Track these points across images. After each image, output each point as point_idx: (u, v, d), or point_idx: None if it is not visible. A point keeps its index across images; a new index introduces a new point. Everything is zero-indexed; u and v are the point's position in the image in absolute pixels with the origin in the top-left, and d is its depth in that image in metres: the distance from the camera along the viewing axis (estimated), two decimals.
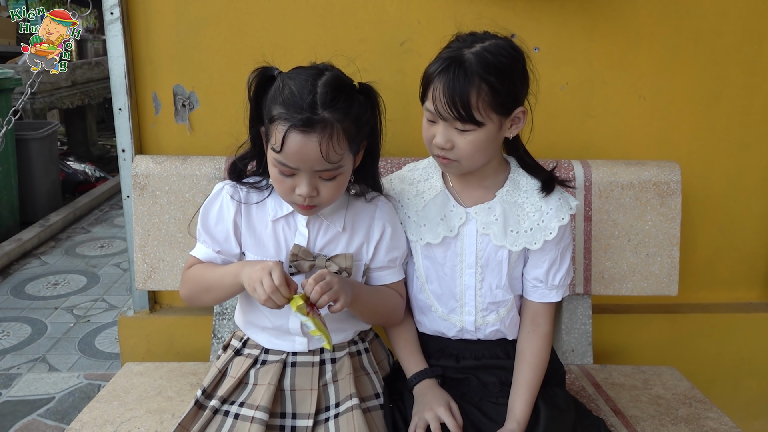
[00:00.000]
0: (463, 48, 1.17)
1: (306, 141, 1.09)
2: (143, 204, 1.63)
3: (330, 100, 1.10)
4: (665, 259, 1.70)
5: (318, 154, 1.09)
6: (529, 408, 1.23)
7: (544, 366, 1.29)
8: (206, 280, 1.25)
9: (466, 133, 1.18)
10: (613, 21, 1.75)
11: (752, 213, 1.94)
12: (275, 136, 1.11)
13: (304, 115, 1.08)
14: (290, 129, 1.09)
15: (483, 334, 1.34)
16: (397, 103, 1.67)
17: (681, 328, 1.95)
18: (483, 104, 1.15)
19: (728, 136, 1.87)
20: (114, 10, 1.65)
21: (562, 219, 1.28)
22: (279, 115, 1.10)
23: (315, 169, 1.12)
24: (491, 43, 1.18)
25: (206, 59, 1.73)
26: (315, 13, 1.71)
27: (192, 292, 1.29)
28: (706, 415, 1.46)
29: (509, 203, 1.29)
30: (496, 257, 1.29)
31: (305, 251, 1.22)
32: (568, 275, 1.33)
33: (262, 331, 1.30)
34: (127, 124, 1.73)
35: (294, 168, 1.12)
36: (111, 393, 1.49)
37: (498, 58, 1.16)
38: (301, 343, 1.27)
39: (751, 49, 1.80)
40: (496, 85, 1.15)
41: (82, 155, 5.48)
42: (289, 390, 1.24)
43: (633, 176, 1.68)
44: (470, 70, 1.14)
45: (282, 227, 1.25)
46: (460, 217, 1.30)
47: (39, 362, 2.54)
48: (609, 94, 1.81)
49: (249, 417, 1.17)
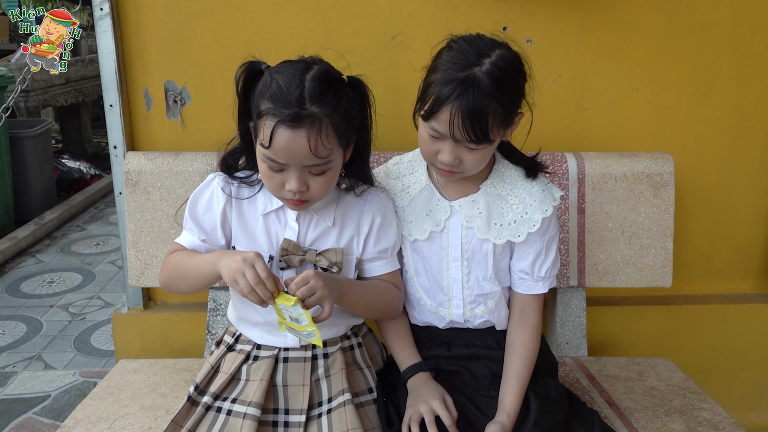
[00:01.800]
0: (473, 66, 1.12)
1: (294, 136, 1.08)
2: (136, 200, 1.62)
3: (318, 95, 1.09)
4: (659, 250, 1.70)
5: (307, 150, 1.08)
6: (519, 399, 1.23)
7: (534, 357, 1.29)
8: (184, 267, 1.24)
9: (475, 151, 1.18)
10: (606, 13, 1.74)
11: (746, 204, 1.94)
12: (263, 132, 1.10)
13: (292, 110, 1.07)
14: (278, 124, 1.07)
15: (472, 326, 1.35)
16: (389, 97, 1.67)
17: (675, 319, 1.95)
18: (496, 124, 1.15)
19: (721, 127, 1.87)
20: (104, 6, 1.64)
21: (546, 211, 1.27)
22: (267, 110, 1.09)
23: (304, 164, 1.11)
24: (497, 56, 1.14)
25: (197, 54, 1.73)
26: (306, 7, 1.70)
27: (170, 277, 1.28)
28: (700, 406, 1.46)
29: (493, 195, 1.29)
30: (481, 250, 1.29)
31: (295, 245, 1.21)
32: (555, 266, 1.33)
33: (254, 326, 1.29)
34: (119, 120, 1.72)
35: (283, 163, 1.11)
36: (105, 390, 1.49)
37: (509, 75, 1.14)
38: (293, 338, 1.26)
39: (743, 40, 1.80)
40: (507, 105, 1.15)
41: (77, 153, 5.46)
42: (282, 386, 1.24)
43: (626, 168, 1.68)
44: (486, 94, 1.11)
45: (272, 221, 1.25)
46: (445, 210, 1.30)
47: (35, 360, 2.54)
48: (602, 86, 1.80)
49: (241, 413, 1.17)
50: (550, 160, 1.66)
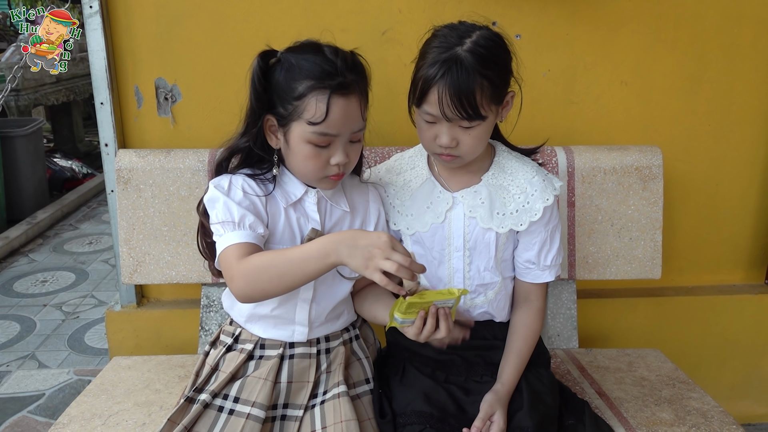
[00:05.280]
0: (455, 46, 1.17)
1: (348, 103, 1.13)
2: (127, 198, 1.63)
3: (352, 64, 1.16)
4: (648, 243, 1.71)
5: (358, 114, 1.15)
6: (516, 373, 1.27)
7: (535, 338, 1.33)
8: (277, 267, 1.08)
9: (470, 129, 1.20)
10: (594, 7, 1.76)
11: (734, 196, 1.96)
12: (314, 108, 1.12)
13: (339, 79, 1.12)
14: (333, 95, 1.11)
15: (471, 316, 1.36)
16: (380, 92, 1.67)
17: (665, 311, 1.97)
18: (485, 99, 1.18)
19: (710, 119, 1.88)
20: (93, 4, 1.64)
21: (547, 200, 1.30)
22: (311, 87, 1.12)
23: (353, 130, 1.16)
24: (478, 35, 1.18)
25: (188, 51, 1.73)
26: (296, 4, 1.71)
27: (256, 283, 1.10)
28: (689, 395, 1.48)
29: (495, 186, 1.31)
30: (484, 239, 1.31)
31: (320, 234, 1.19)
32: (559, 254, 1.36)
33: (260, 320, 1.28)
34: (110, 118, 1.72)
35: (335, 135, 1.14)
36: (99, 387, 1.49)
37: (491, 51, 1.18)
38: (301, 332, 1.26)
39: (731, 33, 1.81)
40: (494, 79, 1.18)
41: (69, 152, 5.44)
42: (286, 383, 1.23)
43: (615, 161, 1.69)
44: (470, 69, 1.15)
45: (293, 214, 1.23)
46: (446, 202, 1.32)
47: (28, 359, 2.54)
48: (591, 80, 1.82)
49: (244, 413, 1.16)
50: (540, 154, 1.67)
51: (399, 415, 1.22)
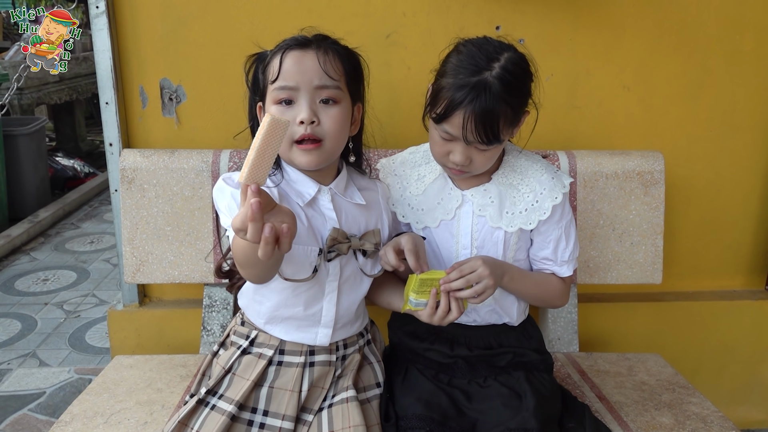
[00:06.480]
0: (484, 70, 1.16)
1: (303, 54, 1.14)
2: (131, 198, 1.63)
3: (323, 37, 1.19)
4: (649, 247, 1.72)
5: (317, 67, 1.14)
6: (520, 273, 1.32)
7: (547, 289, 1.37)
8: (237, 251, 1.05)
9: (486, 151, 1.22)
10: (597, 12, 1.76)
11: (735, 202, 1.97)
12: (273, 68, 1.15)
13: (299, 40, 1.15)
14: (286, 51, 1.14)
15: (479, 315, 1.36)
16: (383, 95, 1.69)
17: (666, 316, 1.98)
18: (506, 125, 1.19)
19: (711, 125, 1.89)
20: (99, 4, 1.65)
21: (556, 198, 1.31)
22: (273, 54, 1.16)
23: (315, 84, 1.14)
24: (506, 59, 1.18)
25: (193, 52, 1.74)
26: (301, 6, 1.71)
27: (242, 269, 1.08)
28: (689, 400, 1.49)
29: (505, 185, 1.32)
30: (492, 238, 1.32)
31: (342, 233, 1.19)
32: (576, 249, 1.38)
33: (282, 321, 1.24)
34: (114, 118, 1.73)
35: (292, 87, 1.14)
36: (101, 385, 1.50)
37: (518, 79, 1.19)
38: (324, 335, 1.24)
39: (733, 39, 1.82)
40: (516, 107, 1.19)
41: (71, 151, 5.45)
42: (306, 390, 1.22)
43: (617, 166, 1.70)
44: (497, 97, 1.15)
45: (311, 213, 1.21)
46: (456, 199, 1.33)
47: (29, 357, 2.54)
48: (593, 85, 1.82)
49: (276, 427, 1.16)
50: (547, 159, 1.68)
51: (401, 418, 1.23)
